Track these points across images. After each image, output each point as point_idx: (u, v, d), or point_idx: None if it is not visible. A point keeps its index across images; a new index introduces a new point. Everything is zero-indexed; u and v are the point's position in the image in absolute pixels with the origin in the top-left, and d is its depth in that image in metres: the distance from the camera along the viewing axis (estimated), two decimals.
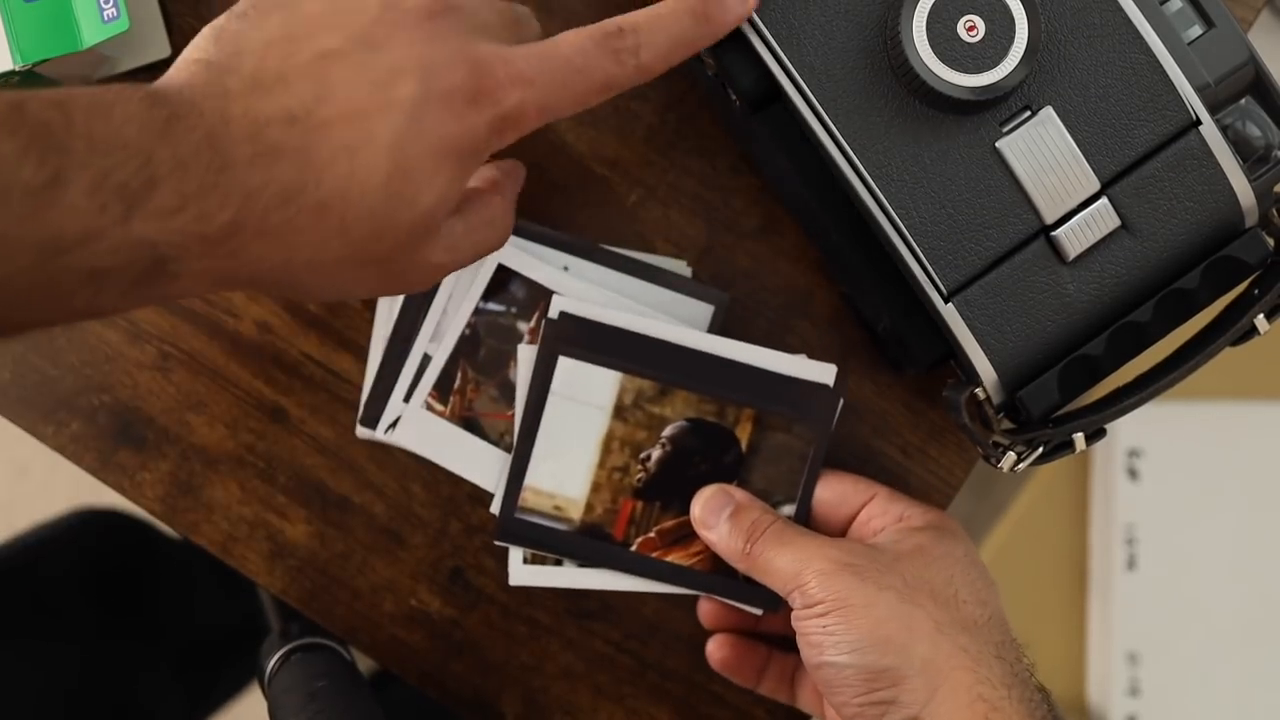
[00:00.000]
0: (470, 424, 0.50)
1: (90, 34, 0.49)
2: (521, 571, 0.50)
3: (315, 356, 0.53)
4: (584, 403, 0.49)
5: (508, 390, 0.50)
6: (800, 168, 0.48)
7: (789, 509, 0.49)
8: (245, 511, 0.54)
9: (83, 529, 0.81)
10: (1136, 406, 0.46)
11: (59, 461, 0.54)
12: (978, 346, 0.45)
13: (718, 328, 0.51)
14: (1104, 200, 0.44)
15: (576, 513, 0.49)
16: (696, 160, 0.53)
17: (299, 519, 0.54)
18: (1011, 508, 0.92)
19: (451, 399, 0.50)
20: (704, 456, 0.50)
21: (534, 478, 0.49)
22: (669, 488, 0.50)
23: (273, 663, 0.56)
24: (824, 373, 0.50)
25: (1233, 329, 0.46)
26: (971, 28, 0.42)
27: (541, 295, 0.50)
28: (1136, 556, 0.90)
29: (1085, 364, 0.45)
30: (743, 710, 0.54)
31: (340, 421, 0.53)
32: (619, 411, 0.49)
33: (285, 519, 0.54)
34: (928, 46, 0.42)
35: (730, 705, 0.54)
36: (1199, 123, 0.44)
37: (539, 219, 0.53)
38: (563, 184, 0.53)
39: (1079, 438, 0.46)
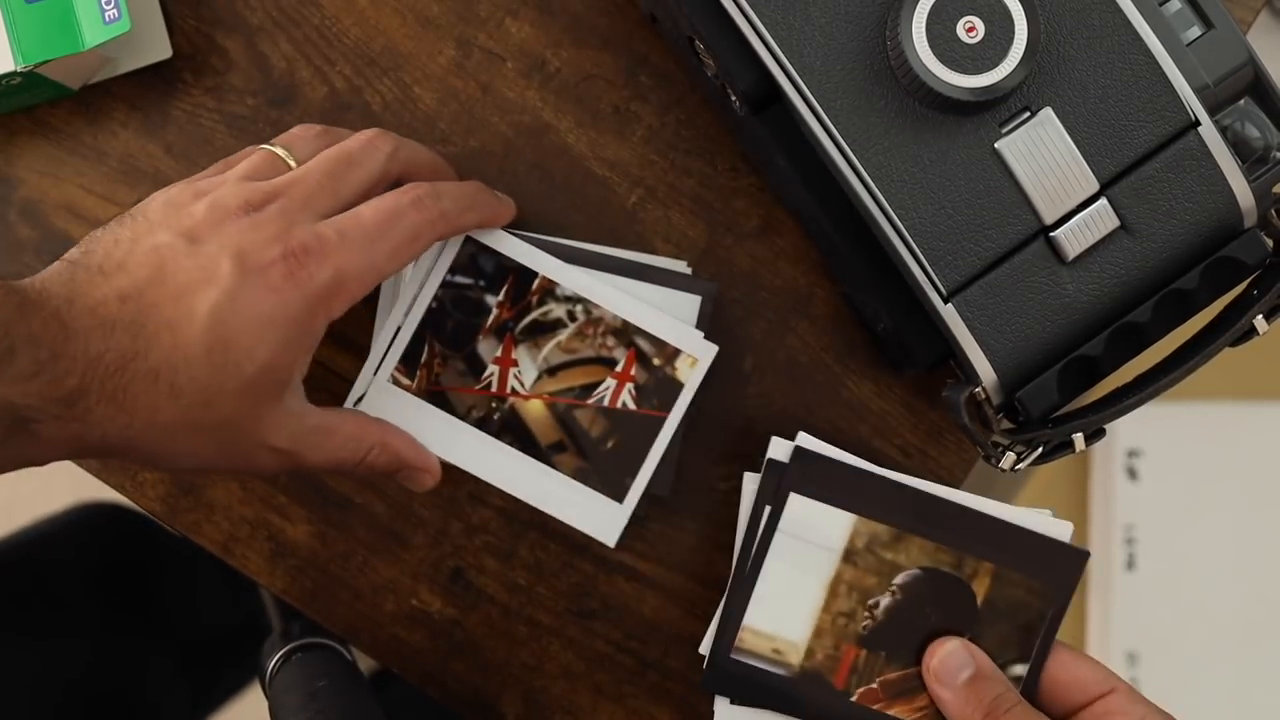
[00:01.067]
0: (437, 398, 0.50)
1: (92, 35, 0.49)
2: (728, 713, 0.48)
3: (316, 357, 0.53)
4: (812, 543, 0.47)
5: (476, 364, 0.49)
6: (800, 168, 0.48)
7: (1020, 669, 0.47)
8: (246, 511, 0.54)
9: (85, 523, 0.81)
10: (1136, 407, 0.46)
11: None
12: (977, 347, 0.45)
13: (707, 317, 0.51)
14: (1103, 201, 0.44)
15: (796, 657, 0.47)
16: (697, 161, 0.54)
17: (300, 519, 0.54)
18: None
19: (418, 373, 0.49)
20: (936, 608, 0.47)
21: (753, 618, 0.47)
22: (896, 638, 0.47)
23: (274, 662, 0.56)
24: (1060, 530, 0.47)
25: (1232, 329, 0.46)
26: (971, 29, 0.42)
27: (510, 269, 0.50)
28: (1136, 556, 0.90)
29: (1084, 364, 0.45)
30: None
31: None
32: (849, 555, 0.47)
33: (286, 519, 0.54)
34: (927, 47, 0.42)
35: None
36: (1198, 123, 0.44)
37: (539, 220, 0.53)
38: (563, 185, 0.53)
39: (1078, 438, 0.46)
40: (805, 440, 0.48)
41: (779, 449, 0.48)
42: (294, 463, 0.45)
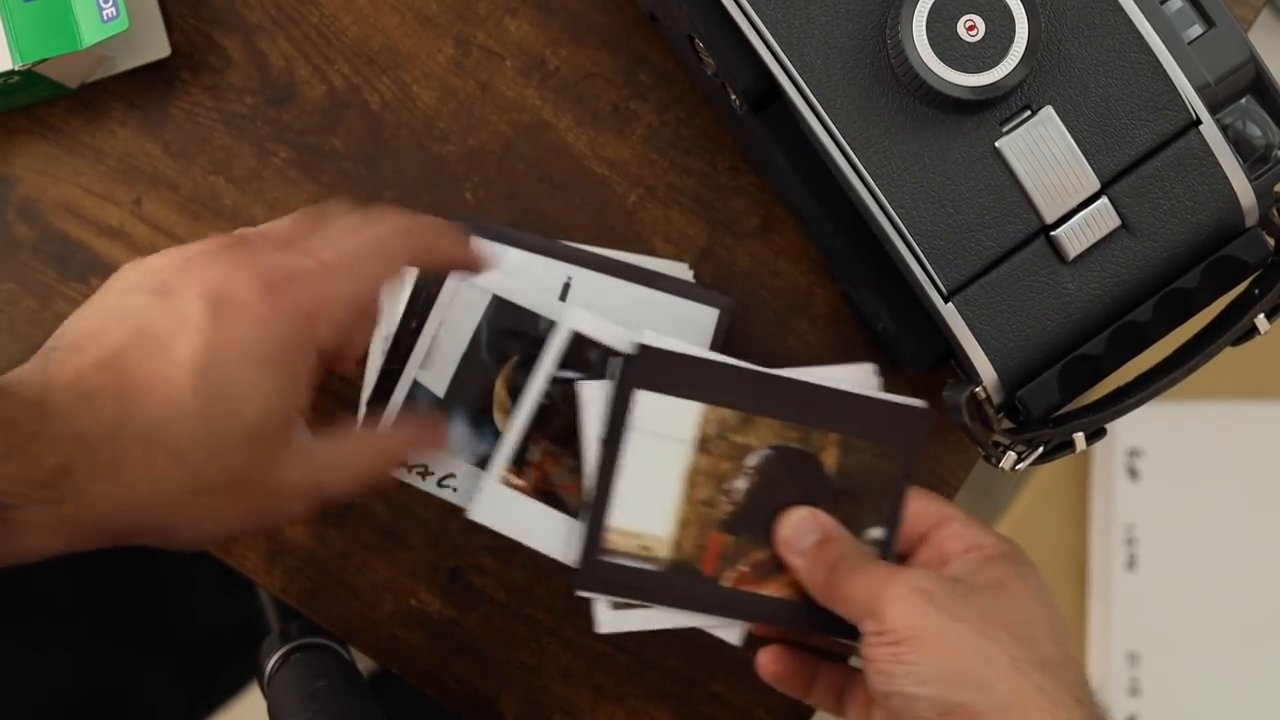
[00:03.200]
0: (549, 497, 0.48)
1: (90, 33, 0.49)
2: (610, 617, 0.48)
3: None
4: (665, 437, 0.47)
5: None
6: (800, 168, 0.48)
7: (878, 532, 0.48)
8: None
9: None
10: (1137, 406, 0.46)
11: None
12: (977, 346, 0.45)
13: (722, 333, 0.51)
14: (1104, 200, 0.44)
15: (664, 551, 0.47)
16: (696, 160, 0.53)
17: (298, 518, 0.54)
18: (1011, 507, 0.92)
19: (529, 472, 0.48)
20: (790, 484, 0.48)
21: (617, 519, 0.47)
22: (757, 518, 0.48)
23: (272, 662, 0.56)
24: (913, 401, 0.48)
25: (1233, 329, 0.46)
26: (971, 27, 0.42)
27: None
28: (1136, 556, 0.90)
29: (1085, 364, 0.45)
30: (743, 710, 0.54)
31: (339, 421, 0.53)
32: (702, 444, 0.47)
33: None
34: (928, 46, 0.42)
35: (730, 705, 0.54)
36: (1199, 122, 0.44)
37: (539, 219, 0.53)
38: (563, 184, 0.53)
39: (1079, 437, 0.46)
40: (648, 337, 0.48)
41: (630, 349, 0.48)
42: (323, 497, 0.43)
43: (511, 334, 0.49)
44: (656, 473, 0.48)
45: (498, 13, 0.53)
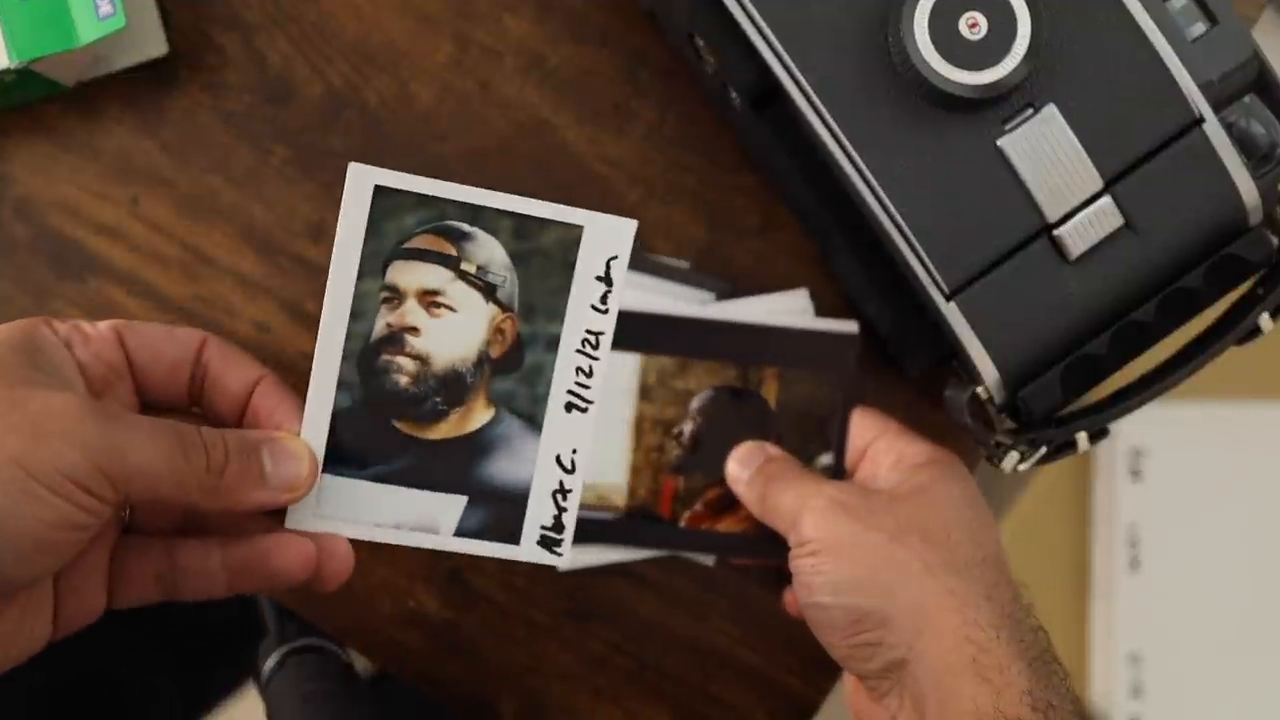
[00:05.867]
0: None
1: (86, 31, 0.48)
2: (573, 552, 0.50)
3: (313, 356, 0.52)
4: (609, 390, 0.49)
5: None
6: (801, 166, 0.48)
7: (826, 458, 0.50)
8: None
9: None
10: (1140, 406, 0.46)
11: None
12: (979, 346, 0.44)
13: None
14: (1107, 198, 0.44)
15: (620, 499, 0.50)
16: (697, 159, 0.53)
17: None
18: (1014, 508, 0.92)
19: None
20: (736, 422, 0.50)
21: None
22: (706, 458, 0.50)
23: (270, 664, 0.56)
24: (842, 325, 0.50)
25: (1237, 328, 0.45)
26: (974, 25, 0.42)
27: None
28: (1139, 557, 0.90)
29: (1088, 363, 0.45)
30: (743, 712, 0.54)
31: None
32: (645, 392, 0.50)
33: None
34: (930, 44, 0.42)
35: (730, 705, 0.54)
36: (1202, 120, 0.44)
37: None
38: (563, 183, 0.53)
39: (1082, 437, 0.46)
40: None
41: None
42: (123, 470, 0.35)
43: None
44: (605, 425, 0.50)
45: (497, 10, 0.53)
